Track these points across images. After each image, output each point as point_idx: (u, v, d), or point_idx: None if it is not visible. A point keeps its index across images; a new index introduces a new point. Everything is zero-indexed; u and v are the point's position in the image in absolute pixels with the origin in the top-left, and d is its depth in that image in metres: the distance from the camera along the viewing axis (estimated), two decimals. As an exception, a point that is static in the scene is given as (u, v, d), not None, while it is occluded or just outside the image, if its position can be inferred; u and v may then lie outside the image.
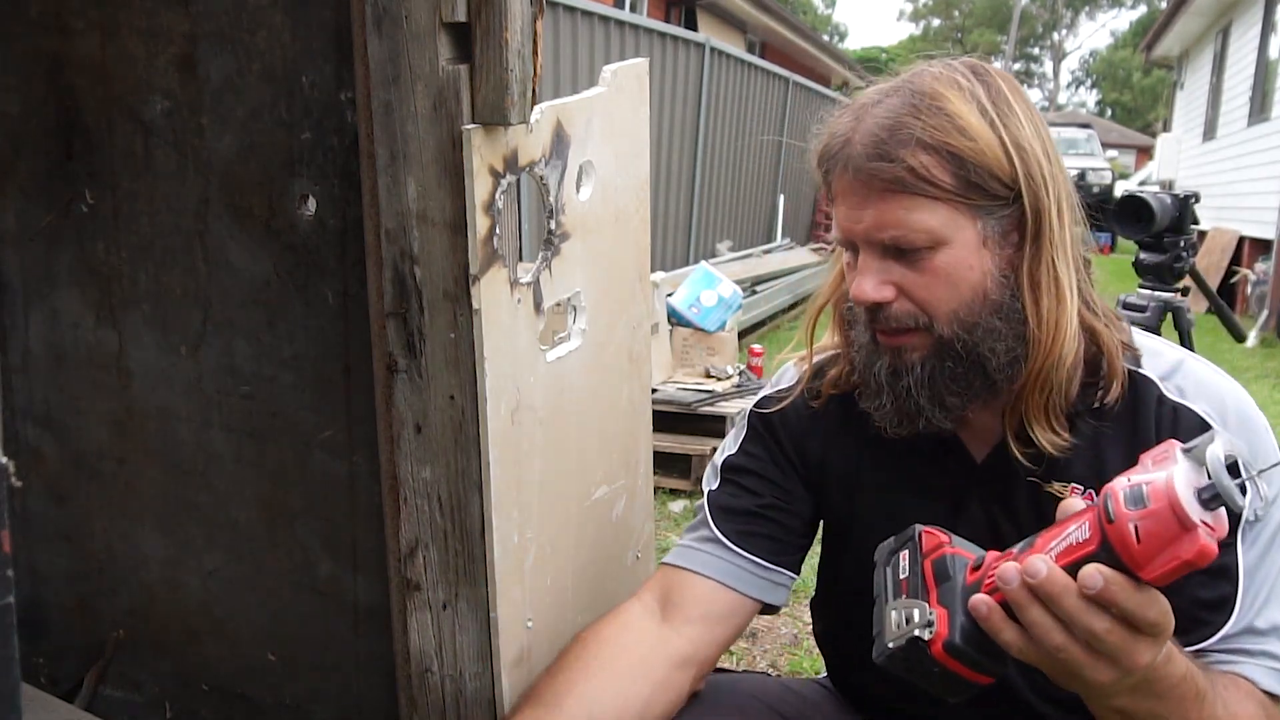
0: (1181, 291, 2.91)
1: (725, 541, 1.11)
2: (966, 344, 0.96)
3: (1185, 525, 0.68)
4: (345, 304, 1.17)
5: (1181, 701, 0.83)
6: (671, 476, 3.65)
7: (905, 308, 0.97)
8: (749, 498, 1.13)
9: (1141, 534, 0.70)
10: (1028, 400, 0.99)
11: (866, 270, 0.97)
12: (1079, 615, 0.74)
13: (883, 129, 0.94)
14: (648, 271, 1.36)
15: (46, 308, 1.38)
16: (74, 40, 1.26)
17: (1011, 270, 0.97)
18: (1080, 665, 0.75)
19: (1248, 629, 0.94)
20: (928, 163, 0.93)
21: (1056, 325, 0.96)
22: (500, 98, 0.97)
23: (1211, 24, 12.51)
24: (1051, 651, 0.76)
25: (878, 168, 0.94)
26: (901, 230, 0.94)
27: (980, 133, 0.93)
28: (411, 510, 1.11)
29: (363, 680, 1.29)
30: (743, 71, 8.40)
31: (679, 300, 4.32)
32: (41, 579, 1.49)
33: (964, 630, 0.79)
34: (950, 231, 0.94)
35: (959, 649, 0.78)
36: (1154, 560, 0.70)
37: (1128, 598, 0.72)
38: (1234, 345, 6.73)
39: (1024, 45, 45.49)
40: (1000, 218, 0.96)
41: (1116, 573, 0.72)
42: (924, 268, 0.95)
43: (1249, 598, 0.94)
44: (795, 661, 2.48)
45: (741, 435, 1.18)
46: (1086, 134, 19.71)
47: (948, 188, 0.93)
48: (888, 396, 1.00)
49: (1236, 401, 1.02)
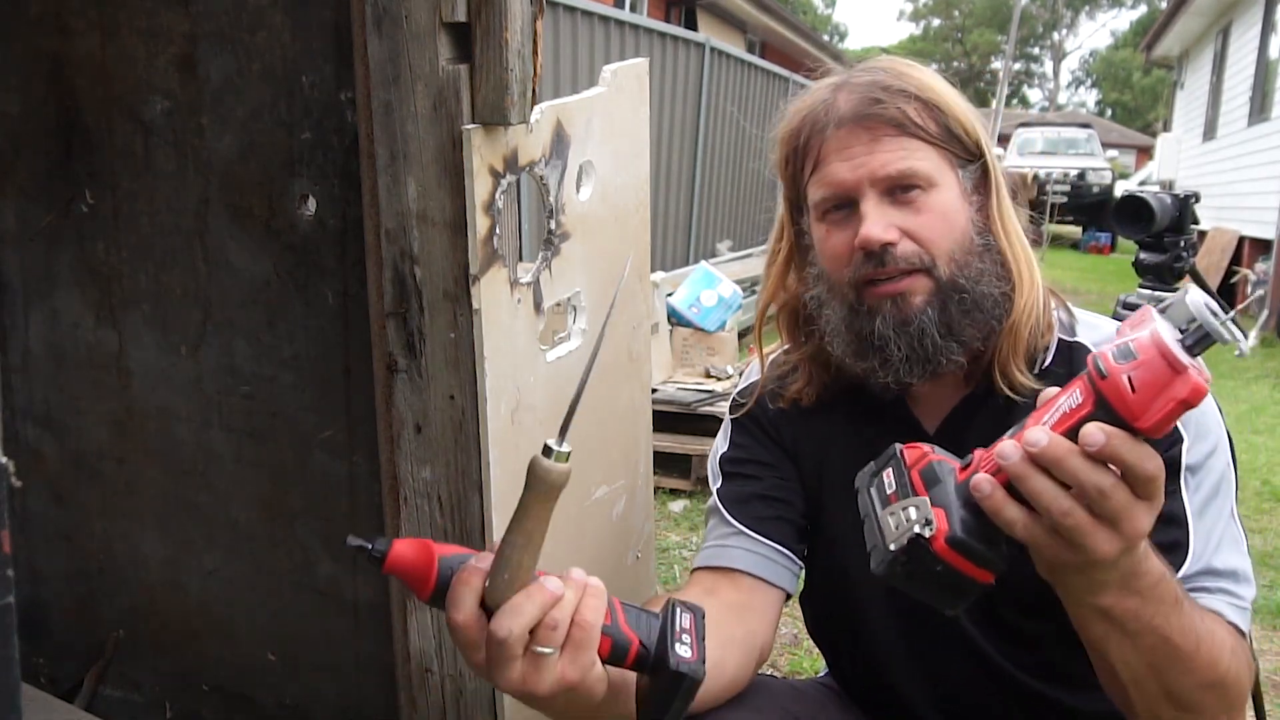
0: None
1: (748, 532, 1.13)
2: (963, 283, 1.02)
3: (1176, 368, 0.70)
4: (345, 304, 1.17)
5: (1161, 603, 0.84)
6: (671, 476, 3.65)
7: (909, 248, 1.02)
8: (754, 484, 1.16)
9: (1136, 383, 0.71)
10: (1006, 345, 1.03)
11: (870, 215, 1.01)
12: (1085, 474, 0.74)
13: (871, 86, 1.03)
14: (648, 271, 1.36)
15: (46, 308, 1.38)
16: (74, 40, 1.26)
17: (984, 220, 1.05)
18: (1085, 533, 0.75)
19: (1206, 569, 0.97)
20: (919, 109, 1.02)
21: (1030, 267, 1.04)
22: (500, 98, 0.97)
23: (1211, 24, 12.51)
24: (1059, 518, 0.75)
25: (878, 110, 1.01)
26: (907, 164, 1.01)
27: (952, 96, 1.05)
28: (411, 510, 1.11)
29: (363, 680, 1.29)
30: (743, 71, 8.40)
31: (679, 300, 4.32)
32: (41, 579, 1.49)
33: (964, 522, 0.78)
34: (940, 175, 1.02)
35: (961, 541, 0.78)
36: (1150, 407, 0.71)
37: (1129, 450, 0.73)
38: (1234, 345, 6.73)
39: (1024, 45, 45.49)
40: (970, 172, 1.05)
41: (1115, 427, 0.73)
42: (922, 207, 1.02)
43: (1201, 539, 0.98)
44: (795, 661, 2.48)
45: (728, 431, 1.22)
46: (1086, 134, 19.69)
47: (935, 134, 1.02)
48: (898, 346, 1.02)
49: None
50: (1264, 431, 4.80)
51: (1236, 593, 0.97)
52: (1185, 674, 0.87)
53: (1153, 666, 0.87)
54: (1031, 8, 43.02)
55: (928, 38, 46.07)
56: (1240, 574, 0.98)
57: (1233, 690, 0.91)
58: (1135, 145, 31.02)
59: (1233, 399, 5.50)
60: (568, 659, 0.76)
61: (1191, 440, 1.00)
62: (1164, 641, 0.85)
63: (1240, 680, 0.92)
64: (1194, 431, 1.00)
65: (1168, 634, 0.85)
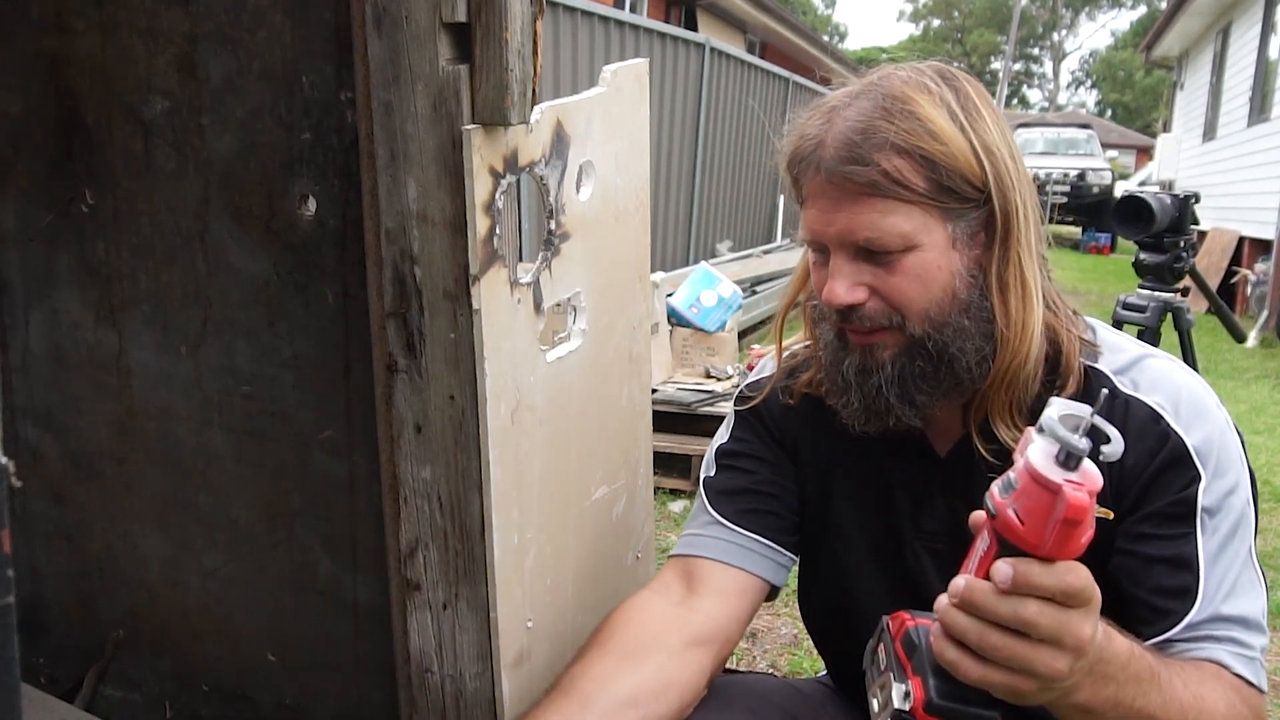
0: (1181, 292, 2.91)
1: (726, 523, 1.13)
2: (937, 343, 0.97)
3: (1050, 489, 0.70)
4: (345, 304, 1.17)
5: (1137, 682, 0.83)
6: (671, 476, 3.65)
7: (877, 307, 0.98)
8: (744, 477, 1.16)
9: (1022, 514, 0.72)
10: (992, 398, 1.00)
11: (838, 273, 0.98)
12: (1006, 608, 0.74)
13: (855, 132, 0.95)
14: (648, 271, 1.36)
15: (46, 308, 1.38)
16: (74, 40, 1.26)
17: (980, 270, 0.98)
18: (1030, 660, 0.75)
19: (1214, 616, 0.94)
20: (901, 166, 0.93)
21: (1024, 325, 0.97)
22: (500, 98, 0.97)
23: (1211, 24, 12.51)
24: (993, 654, 0.75)
25: (852, 171, 0.94)
26: (876, 233, 0.95)
27: (951, 136, 0.94)
28: (411, 510, 1.11)
29: (363, 680, 1.29)
30: (743, 71, 8.40)
31: (679, 300, 4.31)
32: (41, 579, 1.49)
33: (938, 687, 0.79)
34: (922, 235, 0.95)
35: (938, 705, 0.78)
36: (1043, 533, 0.71)
37: (1041, 575, 0.73)
38: (1234, 345, 6.73)
39: (1024, 45, 45.49)
40: (969, 220, 0.97)
41: (1022, 559, 0.73)
42: (896, 269, 0.96)
43: (1212, 585, 0.95)
44: (795, 661, 2.48)
45: (730, 424, 1.21)
46: (1086, 134, 19.69)
47: (920, 191, 0.94)
48: (855, 394, 1.01)
49: (1191, 393, 1.00)
50: (1264, 431, 4.81)
51: (1245, 641, 0.94)
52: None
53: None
54: (1031, 8, 43.01)
55: (928, 38, 46.06)
56: (1251, 621, 0.95)
57: None
58: (1135, 146, 31.02)
59: (1233, 399, 5.50)
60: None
61: (1209, 479, 0.96)
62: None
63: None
64: (1212, 469, 0.96)
65: (1151, 713, 0.84)
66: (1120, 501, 0.98)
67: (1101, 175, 16.92)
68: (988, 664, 0.76)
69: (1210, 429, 0.98)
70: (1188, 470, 0.96)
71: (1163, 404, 0.99)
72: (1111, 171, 17.81)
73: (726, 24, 14.08)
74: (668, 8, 12.61)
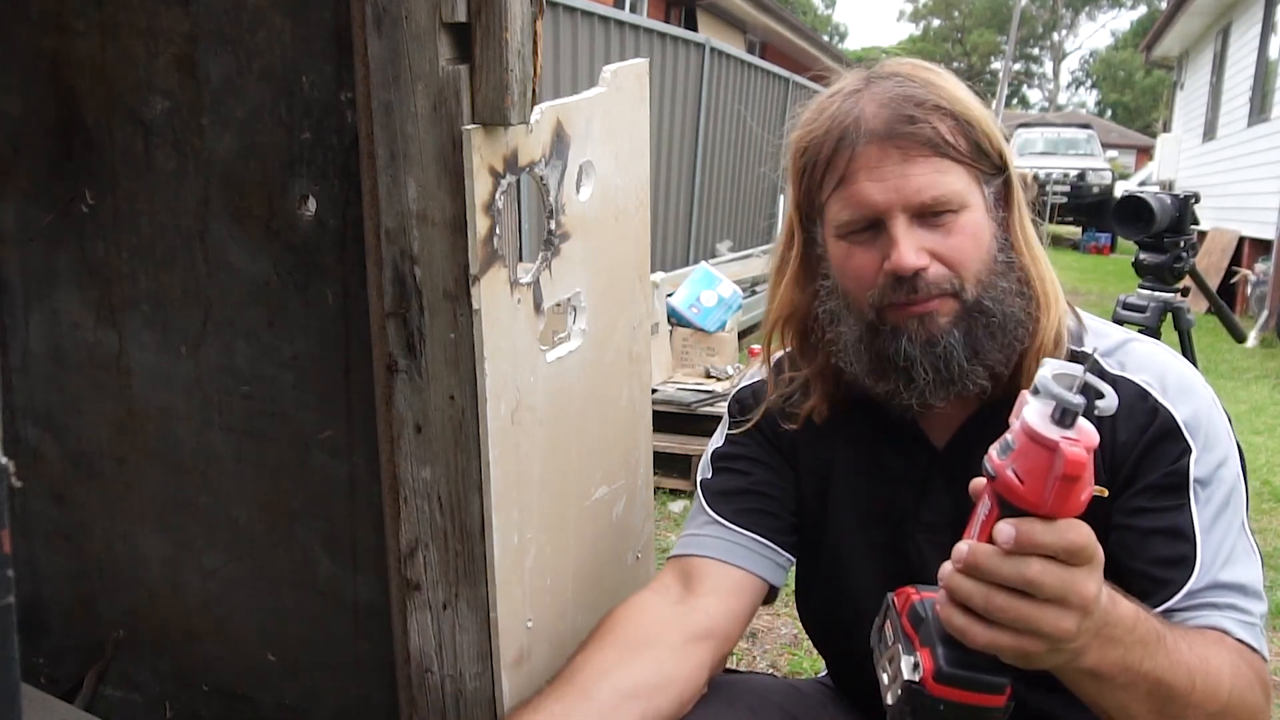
0: (1181, 292, 2.91)
1: (723, 522, 1.13)
2: (990, 303, 0.99)
3: (1048, 447, 0.70)
4: (345, 304, 1.17)
5: (1144, 645, 0.83)
6: (671, 476, 3.65)
7: (940, 272, 0.99)
8: (740, 478, 1.17)
9: (1021, 474, 0.72)
10: (1032, 366, 0.99)
11: (903, 238, 0.97)
12: (1010, 568, 0.74)
13: (903, 100, 0.98)
14: (648, 271, 1.36)
15: (46, 308, 1.38)
16: (74, 40, 1.26)
17: (1006, 235, 1.02)
18: (1037, 620, 0.75)
19: (1214, 584, 0.95)
20: (950, 127, 0.98)
21: (1053, 282, 1.02)
22: (500, 98, 0.97)
23: (1211, 24, 12.51)
24: (999, 615, 0.75)
25: (913, 130, 0.96)
26: (939, 191, 0.97)
27: (976, 105, 1.00)
28: (411, 510, 1.11)
29: (363, 680, 1.29)
30: (743, 71, 8.40)
31: (679, 300, 4.31)
32: (41, 579, 1.49)
33: (946, 655, 0.78)
34: (970, 195, 0.99)
35: (948, 674, 0.78)
36: (1043, 491, 0.72)
37: (1043, 533, 0.73)
38: (1234, 345, 6.73)
39: (1024, 45, 45.48)
40: (995, 185, 1.02)
41: (1024, 519, 0.74)
42: (952, 229, 0.98)
43: (1209, 553, 0.96)
44: (795, 661, 2.48)
45: (725, 426, 1.22)
46: (1086, 134, 19.69)
47: (966, 152, 0.98)
48: (924, 367, 0.99)
49: (1178, 372, 1.02)
50: (1264, 431, 4.81)
51: (1245, 607, 0.95)
52: (1187, 709, 0.86)
53: (1153, 710, 0.85)
54: (1031, 8, 43.01)
55: (928, 38, 46.07)
56: (1249, 588, 0.96)
57: (1246, 713, 0.89)
58: (1135, 146, 31.03)
59: (1233, 399, 5.50)
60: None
61: (1200, 451, 0.98)
62: (1157, 684, 0.84)
63: (1248, 702, 0.90)
64: (1202, 442, 0.98)
65: (1159, 676, 0.84)
66: (1114, 479, 1.00)
67: (1101, 175, 16.92)
68: (995, 627, 0.76)
69: (1198, 404, 1.00)
70: (1178, 443, 0.98)
71: (1150, 382, 1.01)
72: (1111, 171, 17.81)
73: (726, 24, 14.08)
74: (668, 8, 12.61)
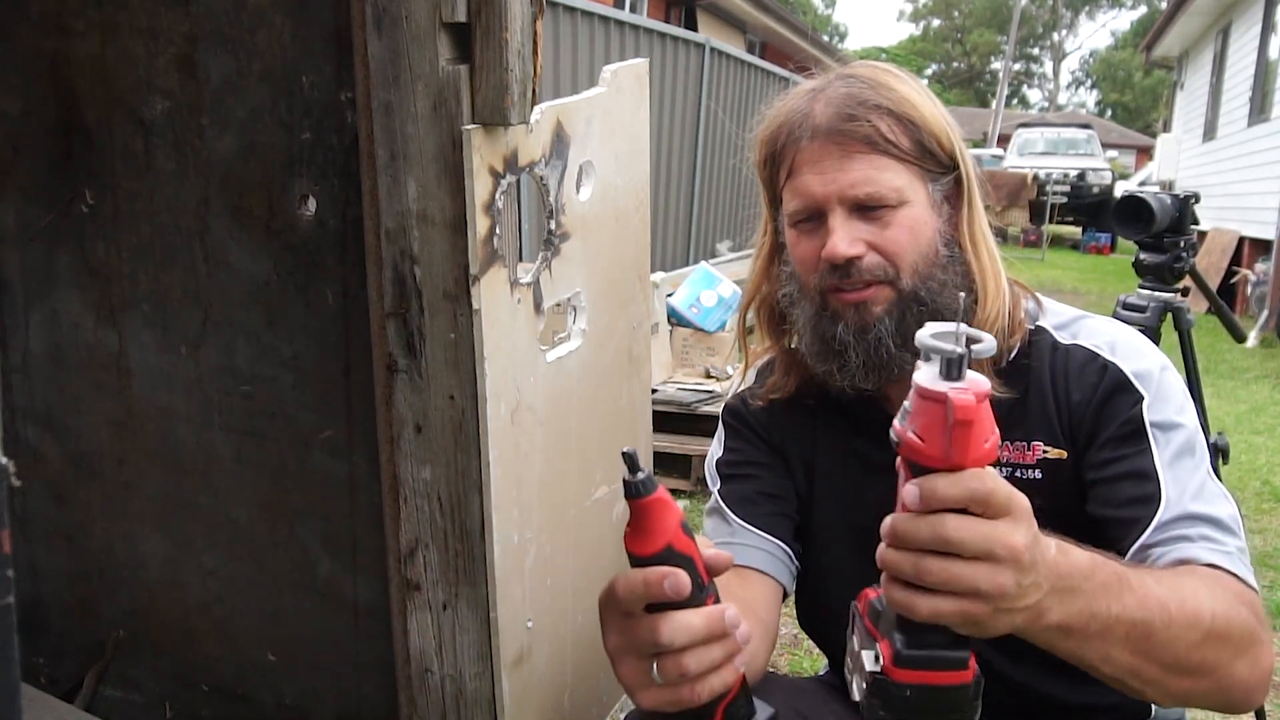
0: (1181, 292, 2.91)
1: (752, 529, 1.14)
2: (925, 294, 1.04)
3: (938, 400, 0.71)
4: (345, 304, 1.17)
5: (1106, 590, 0.81)
6: (671, 476, 3.65)
7: (874, 260, 1.04)
8: (753, 482, 1.17)
9: (920, 432, 0.73)
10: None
11: (838, 229, 1.04)
12: (924, 531, 0.73)
13: (848, 99, 1.04)
14: (647, 271, 1.36)
15: (46, 308, 1.38)
16: (74, 40, 1.26)
17: (953, 231, 1.07)
18: (969, 579, 0.73)
19: (1183, 514, 0.96)
20: (892, 126, 1.03)
21: (996, 276, 1.07)
22: (500, 98, 0.97)
23: (1211, 24, 12.51)
24: (933, 579, 0.74)
25: (851, 128, 1.03)
26: (875, 187, 1.03)
27: (927, 107, 1.05)
28: (411, 510, 1.11)
29: (363, 680, 1.29)
30: (743, 71, 8.40)
31: (679, 300, 4.31)
32: (41, 579, 1.49)
33: (903, 640, 0.78)
34: (910, 192, 1.04)
35: (905, 656, 0.78)
36: (941, 443, 0.72)
37: (945, 485, 0.72)
38: (1234, 345, 6.73)
39: (1024, 45, 45.48)
40: (943, 184, 1.07)
41: (925, 476, 0.73)
42: (891, 222, 1.04)
43: (1175, 488, 0.97)
44: (795, 661, 2.48)
45: (722, 436, 1.23)
46: (1086, 134, 19.69)
47: (908, 150, 1.04)
48: (854, 352, 1.05)
49: (1128, 338, 1.07)
50: (1264, 431, 4.80)
51: (1218, 538, 0.94)
52: (1171, 643, 0.84)
53: (1136, 652, 0.84)
54: (1031, 8, 43.02)
55: (927, 38, 46.09)
56: (1222, 522, 0.95)
57: (1236, 631, 0.88)
58: (1135, 146, 31.04)
59: (1233, 399, 5.50)
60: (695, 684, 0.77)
61: (1152, 398, 1.01)
62: (1132, 626, 0.83)
63: (1235, 619, 0.88)
64: (1154, 391, 1.02)
65: (1131, 616, 0.82)
66: (1075, 437, 1.04)
67: (1101, 175, 16.90)
68: (935, 595, 0.75)
69: (1147, 363, 1.04)
70: (1130, 394, 1.02)
71: (1100, 345, 1.06)
72: (1111, 171, 17.79)
73: (726, 24, 14.08)
74: (668, 8, 12.60)
